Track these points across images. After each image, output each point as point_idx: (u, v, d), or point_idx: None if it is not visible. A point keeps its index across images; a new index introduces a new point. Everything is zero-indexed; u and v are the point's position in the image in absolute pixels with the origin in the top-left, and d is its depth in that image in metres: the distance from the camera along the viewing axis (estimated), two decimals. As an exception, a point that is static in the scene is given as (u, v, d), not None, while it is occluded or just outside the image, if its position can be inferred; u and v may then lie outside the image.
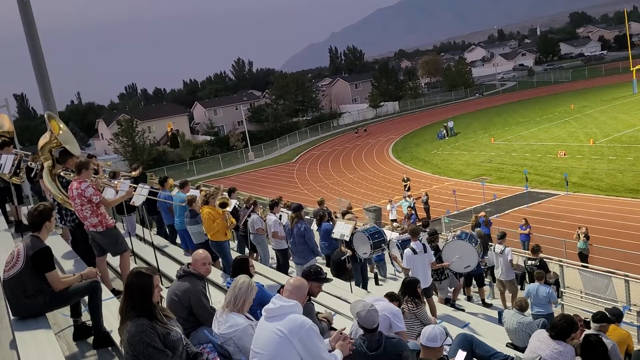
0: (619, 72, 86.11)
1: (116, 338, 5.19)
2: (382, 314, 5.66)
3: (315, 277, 5.60)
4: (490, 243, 14.56)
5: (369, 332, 4.95)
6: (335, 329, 6.08)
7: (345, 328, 4.89)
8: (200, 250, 5.62)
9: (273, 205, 11.41)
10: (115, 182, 8.22)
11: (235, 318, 4.50)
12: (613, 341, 7.03)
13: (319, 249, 12.55)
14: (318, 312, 6.18)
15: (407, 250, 9.46)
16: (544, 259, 12.89)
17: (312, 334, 4.01)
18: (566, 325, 5.89)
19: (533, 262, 12.27)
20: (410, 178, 30.29)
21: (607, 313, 7.51)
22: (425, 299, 8.79)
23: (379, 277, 13.47)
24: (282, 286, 4.73)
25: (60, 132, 8.09)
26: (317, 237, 12.80)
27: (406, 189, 29.68)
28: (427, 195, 29.19)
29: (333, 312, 7.30)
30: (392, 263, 13.58)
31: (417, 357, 4.75)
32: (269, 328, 4.04)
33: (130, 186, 7.75)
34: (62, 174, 7.91)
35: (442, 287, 11.13)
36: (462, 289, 13.58)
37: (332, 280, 8.40)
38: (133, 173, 11.54)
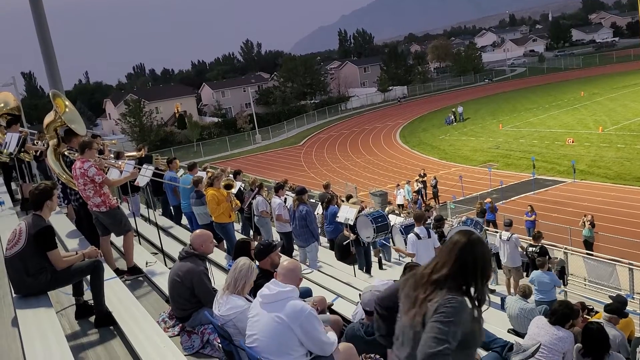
0: (630, 60, 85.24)
1: (117, 318, 5.23)
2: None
3: (270, 249, 5.58)
4: (492, 229, 14.52)
5: (370, 314, 4.93)
6: (335, 312, 6.10)
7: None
8: (199, 231, 5.63)
9: (278, 188, 11.39)
10: (120, 163, 8.22)
11: (236, 300, 4.50)
12: (622, 333, 7.00)
13: (325, 232, 12.59)
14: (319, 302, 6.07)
15: (411, 236, 9.44)
16: (547, 246, 12.87)
17: (312, 319, 3.99)
18: (566, 311, 5.91)
19: (534, 248, 12.29)
20: (427, 174, 30.06)
21: (621, 307, 7.45)
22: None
23: (383, 261, 13.48)
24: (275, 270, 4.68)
25: (67, 109, 8.07)
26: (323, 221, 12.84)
27: (417, 179, 29.46)
28: (435, 179, 29.18)
29: (336, 296, 7.31)
30: (393, 244, 13.58)
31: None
32: (268, 315, 3.99)
33: (135, 167, 7.75)
34: (66, 152, 7.91)
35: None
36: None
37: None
38: (137, 153, 11.53)
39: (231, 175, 12.11)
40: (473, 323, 2.73)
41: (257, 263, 5.55)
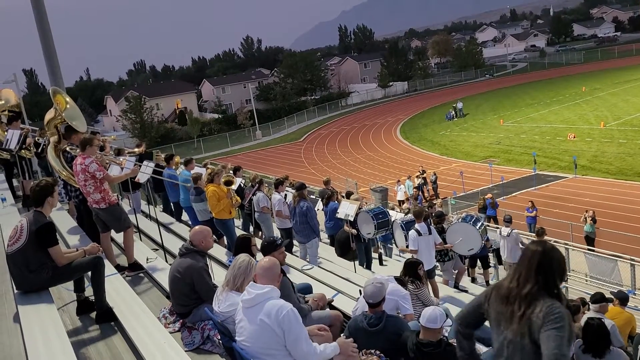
0: (632, 54, 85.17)
1: (118, 313, 5.24)
2: (390, 296, 5.66)
3: (273, 247, 5.56)
4: (493, 224, 14.50)
5: (372, 307, 4.96)
6: (335, 308, 6.10)
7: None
8: (199, 227, 5.64)
9: (278, 184, 11.39)
10: (121, 159, 8.23)
11: (235, 297, 4.50)
12: (612, 322, 7.05)
13: (325, 228, 12.59)
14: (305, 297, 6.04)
15: (412, 232, 9.44)
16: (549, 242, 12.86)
17: (290, 319, 3.92)
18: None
19: (537, 244, 12.27)
20: (426, 170, 30.03)
21: (604, 294, 7.54)
22: (428, 280, 8.81)
23: (384, 257, 13.49)
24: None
25: (68, 106, 8.09)
26: (323, 217, 12.84)
27: (417, 175, 29.42)
28: (435, 174, 29.18)
29: (336, 292, 7.32)
30: (396, 245, 13.59)
31: (417, 337, 4.75)
32: (251, 319, 3.99)
33: (135, 164, 7.76)
34: (68, 149, 7.92)
35: (446, 268, 11.13)
36: (466, 271, 13.61)
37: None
38: (137, 150, 11.54)
39: (231, 172, 12.11)
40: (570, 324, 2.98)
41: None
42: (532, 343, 2.95)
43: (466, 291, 10.89)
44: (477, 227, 9.98)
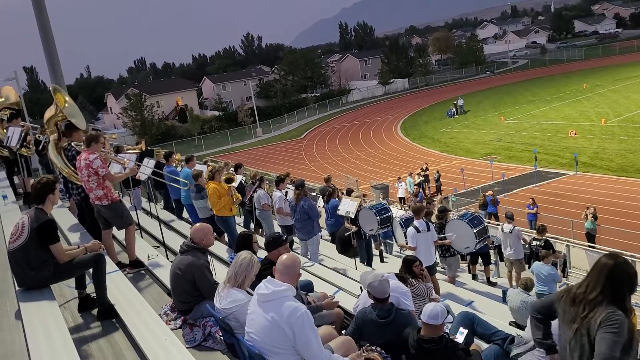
0: (633, 51, 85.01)
1: (120, 310, 5.25)
2: (391, 293, 5.67)
3: (279, 242, 5.62)
4: (494, 221, 14.47)
5: (380, 302, 4.98)
6: (339, 307, 6.09)
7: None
8: (199, 225, 5.65)
9: (279, 182, 11.39)
10: (125, 159, 8.23)
11: (236, 294, 4.51)
12: None
13: (326, 225, 12.61)
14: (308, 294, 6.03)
15: (411, 229, 9.43)
16: (550, 239, 12.88)
17: (304, 321, 3.91)
18: None
19: (538, 242, 12.30)
20: (429, 168, 29.98)
21: None
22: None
23: (384, 254, 13.50)
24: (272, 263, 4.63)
25: (66, 104, 8.10)
26: (324, 214, 12.86)
27: (419, 172, 29.42)
28: (438, 172, 29.18)
29: (337, 289, 7.32)
30: (396, 241, 13.60)
31: (418, 334, 4.76)
32: (263, 314, 3.99)
33: (136, 163, 7.77)
34: (73, 144, 7.94)
35: (448, 264, 11.14)
36: (467, 268, 13.63)
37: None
38: (137, 147, 11.53)
39: (232, 169, 12.12)
40: (629, 332, 3.26)
41: (266, 254, 5.60)
42: (589, 343, 3.28)
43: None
44: (473, 226, 9.96)
